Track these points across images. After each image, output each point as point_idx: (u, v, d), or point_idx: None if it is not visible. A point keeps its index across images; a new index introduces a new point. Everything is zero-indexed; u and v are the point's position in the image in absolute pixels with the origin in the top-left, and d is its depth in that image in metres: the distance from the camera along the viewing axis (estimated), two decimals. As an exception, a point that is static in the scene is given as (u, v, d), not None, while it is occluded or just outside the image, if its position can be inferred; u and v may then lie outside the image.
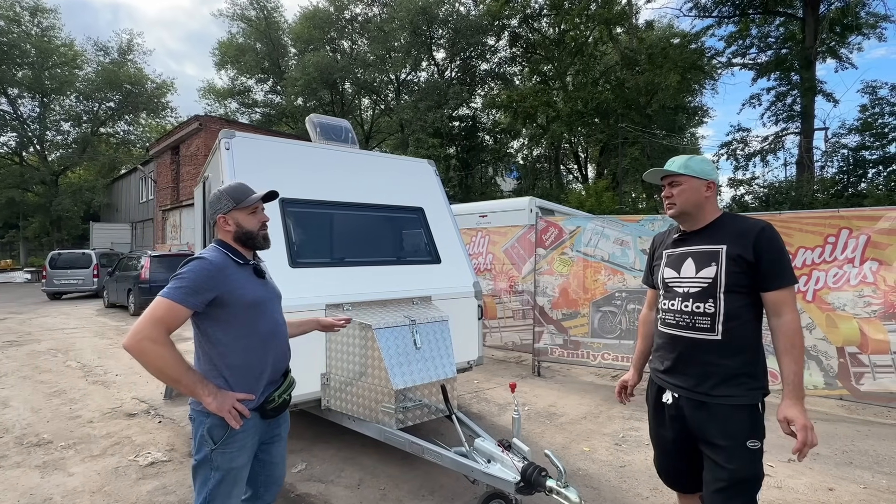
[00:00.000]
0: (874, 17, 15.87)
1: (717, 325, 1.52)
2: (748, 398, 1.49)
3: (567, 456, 3.18)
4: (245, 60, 27.86)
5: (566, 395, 4.59)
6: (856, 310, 3.91)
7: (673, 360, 1.62)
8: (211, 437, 1.49)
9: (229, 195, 1.62)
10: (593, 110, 19.60)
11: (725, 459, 1.47)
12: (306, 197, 3.47)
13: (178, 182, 19.92)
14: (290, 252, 3.17)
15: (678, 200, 1.64)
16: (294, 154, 3.61)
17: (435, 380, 2.82)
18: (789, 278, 1.49)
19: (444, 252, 3.93)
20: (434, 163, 4.45)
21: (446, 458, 2.39)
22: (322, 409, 3.08)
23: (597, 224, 5.11)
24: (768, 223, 1.53)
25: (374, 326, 2.77)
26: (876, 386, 3.80)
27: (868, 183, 14.40)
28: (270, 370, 1.60)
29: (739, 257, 1.50)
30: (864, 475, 2.90)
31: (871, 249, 3.85)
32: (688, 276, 1.61)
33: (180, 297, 1.42)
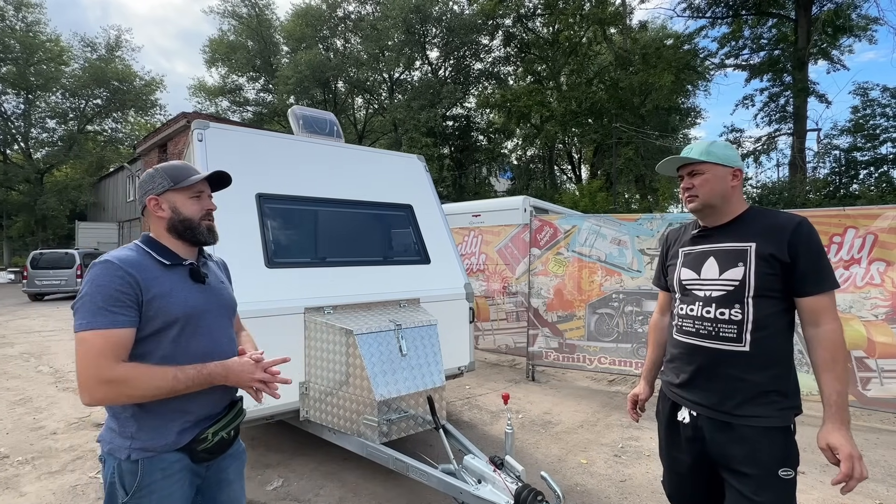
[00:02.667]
0: (865, 19, 15.95)
1: (744, 334, 1.32)
2: (780, 419, 1.29)
3: (563, 469, 2.98)
4: (236, 58, 27.49)
5: (562, 401, 4.39)
6: (861, 312, 3.77)
7: (691, 373, 1.41)
8: (122, 486, 1.14)
9: (165, 172, 1.27)
10: (587, 110, 19.52)
11: (754, 491, 1.27)
12: (286, 192, 3.25)
13: (166, 181, 19.50)
14: (267, 251, 2.94)
15: (701, 191, 1.42)
16: (274, 147, 3.38)
17: (422, 389, 2.61)
18: (831, 282, 1.29)
19: (433, 252, 3.72)
20: (424, 158, 4.24)
21: (433, 477, 2.18)
22: (300, 420, 2.85)
23: (593, 223, 4.93)
24: (805, 218, 1.33)
25: (355, 332, 2.56)
26: (883, 392, 3.65)
27: (860, 184, 14.43)
28: (204, 403, 1.23)
29: (772, 257, 1.30)
30: (878, 489, 2.73)
31: (879, 249, 3.70)
32: (710, 278, 1.40)
33: (102, 319, 1.08)
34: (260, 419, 2.72)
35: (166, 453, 1.18)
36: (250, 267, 2.86)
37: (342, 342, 2.63)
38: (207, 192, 1.35)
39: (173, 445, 1.19)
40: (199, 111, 26.21)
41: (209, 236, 1.31)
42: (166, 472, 1.18)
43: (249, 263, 2.86)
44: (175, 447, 1.19)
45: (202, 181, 1.31)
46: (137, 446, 1.15)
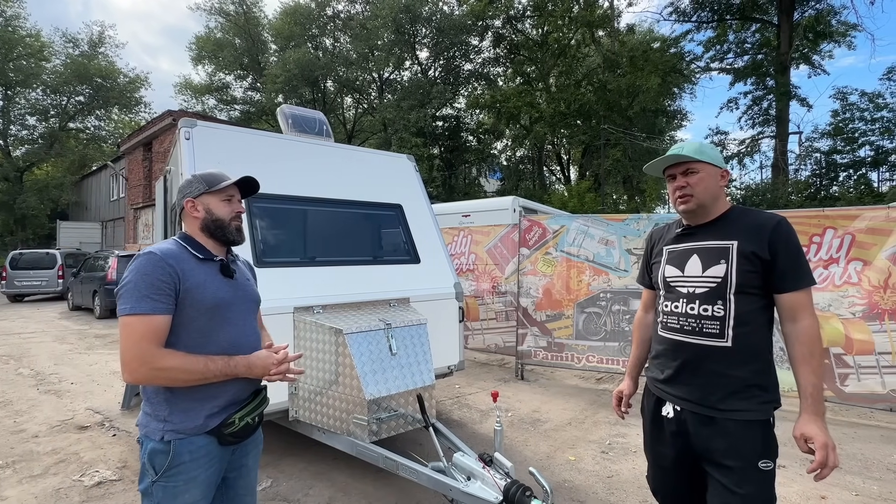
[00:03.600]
0: (845, 25, 16.38)
1: (727, 329, 1.36)
2: (760, 413, 1.33)
3: (552, 466, 3.01)
4: (223, 56, 27.13)
5: (550, 399, 4.44)
6: (839, 310, 3.87)
7: (675, 368, 1.45)
8: (152, 466, 1.26)
9: (202, 178, 1.43)
10: (576, 112, 19.70)
11: (736, 482, 1.30)
12: (275, 192, 3.23)
13: (151, 179, 19.21)
14: (256, 250, 2.93)
15: (696, 191, 1.42)
16: (262, 146, 3.36)
17: (412, 388, 2.62)
18: (808, 279, 1.34)
19: (423, 251, 3.74)
20: (413, 158, 4.25)
21: (422, 475, 2.19)
22: (290, 420, 2.84)
23: (581, 223, 4.99)
24: (784, 218, 1.37)
25: (345, 331, 2.56)
26: (860, 387, 3.76)
27: (839, 186, 14.81)
28: (231, 390, 1.34)
29: (753, 254, 1.34)
30: (854, 481, 2.82)
31: (856, 249, 3.81)
32: (693, 275, 1.44)
33: (145, 305, 1.21)
34: (248, 419, 2.70)
35: (195, 436, 1.28)
36: (239, 266, 2.85)
37: (332, 341, 2.63)
38: (237, 196, 1.47)
39: (202, 428, 1.29)
40: (185, 109, 25.85)
41: (237, 236, 1.44)
42: (194, 455, 1.27)
43: (238, 263, 2.85)
44: (204, 430, 1.29)
45: (232, 186, 1.45)
46: (170, 428, 1.26)
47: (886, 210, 3.83)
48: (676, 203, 1.48)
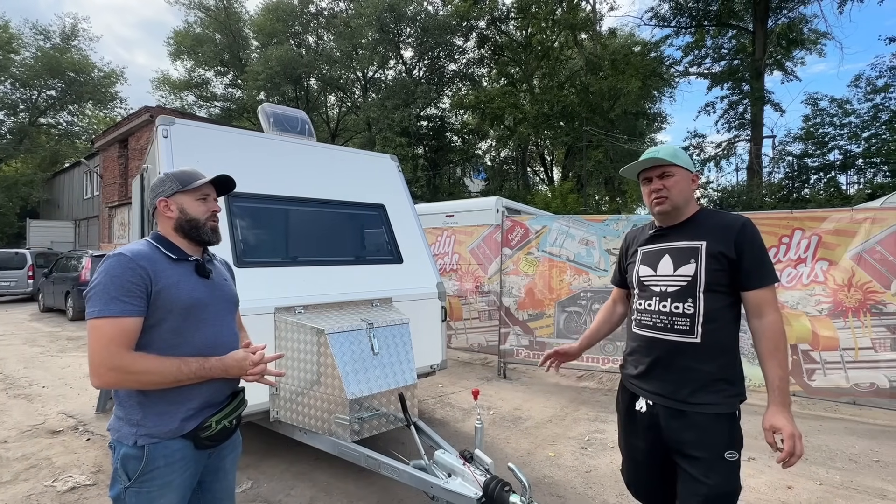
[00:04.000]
0: (815, 33, 17.00)
1: (696, 326, 1.42)
2: (727, 406, 1.40)
3: (532, 462, 3.07)
4: (203, 52, 26.58)
5: (532, 397, 4.50)
6: (807, 308, 4.03)
7: (649, 364, 1.51)
8: (125, 472, 1.22)
9: (175, 177, 1.39)
10: (559, 113, 19.94)
11: (703, 473, 1.36)
12: (256, 191, 3.21)
13: (127, 177, 18.70)
14: (236, 250, 2.90)
15: (672, 193, 1.48)
16: (243, 145, 3.33)
17: (394, 387, 2.64)
18: (771, 276, 1.41)
19: (406, 251, 3.75)
20: (397, 158, 4.26)
21: (404, 472, 2.21)
22: (271, 421, 2.82)
23: (562, 224, 5.07)
24: (749, 219, 1.45)
25: (327, 331, 2.56)
26: (826, 382, 3.92)
27: (810, 188, 15.34)
28: (207, 392, 1.31)
29: (721, 254, 1.40)
30: (819, 471, 2.94)
31: (823, 250, 3.97)
32: (665, 274, 1.50)
33: (114, 307, 1.17)
34: (228, 421, 2.67)
35: (170, 440, 1.25)
36: (218, 266, 2.82)
37: (313, 342, 2.63)
38: (213, 195, 1.44)
39: (178, 432, 1.26)
40: (162, 106, 25.22)
41: (213, 236, 1.41)
42: (169, 460, 1.24)
43: (217, 263, 2.82)
44: (179, 434, 1.26)
45: (207, 185, 1.41)
46: (143, 433, 1.23)
47: (850, 212, 4.01)
48: (652, 205, 1.53)
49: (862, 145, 14.19)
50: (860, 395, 3.81)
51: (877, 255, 3.79)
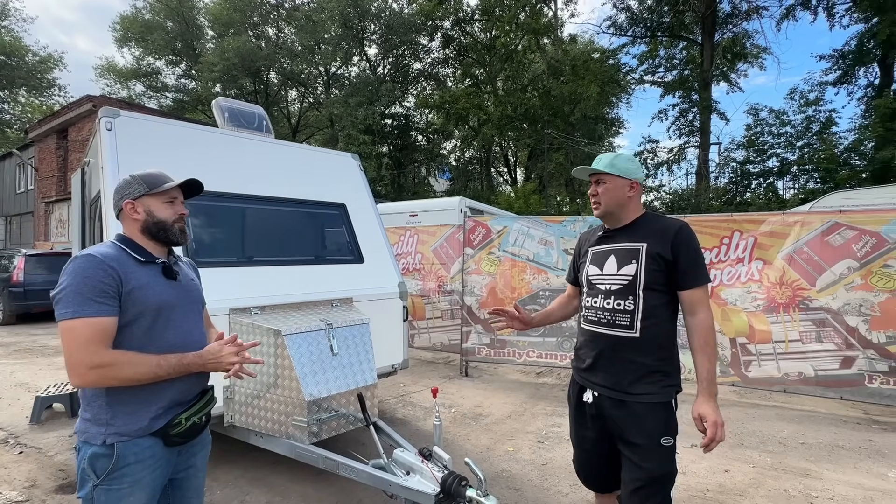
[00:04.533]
0: (757, 48, 18.24)
1: (635, 322, 1.53)
2: (662, 396, 1.51)
3: (492, 458, 3.14)
4: (153, 39, 25.14)
5: (492, 394, 4.59)
6: (745, 304, 4.34)
7: (594, 357, 1.61)
8: (93, 470, 1.23)
9: (142, 179, 1.39)
10: (522, 115, 20.34)
11: (642, 458, 1.47)
12: (209, 189, 3.06)
13: (66, 171, 17.41)
14: (188, 250, 2.79)
15: (603, 199, 1.63)
16: (195, 140, 3.20)
17: (353, 388, 2.62)
18: (704, 277, 1.53)
19: (367, 251, 3.73)
20: (359, 157, 4.22)
21: (363, 472, 2.21)
22: (225, 426, 2.73)
23: (522, 224, 5.20)
24: (686, 223, 1.56)
25: (284, 332, 2.51)
26: (761, 372, 4.25)
27: (752, 193, 16.45)
28: (175, 389, 1.33)
29: (658, 255, 1.51)
30: (753, 455, 3.19)
31: (758, 250, 4.29)
32: (610, 274, 1.61)
33: (89, 308, 1.18)
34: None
35: (140, 438, 1.27)
36: (168, 266, 2.70)
37: (270, 343, 2.57)
38: (180, 198, 1.45)
39: (147, 430, 1.28)
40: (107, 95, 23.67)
41: (181, 236, 1.42)
42: (139, 457, 1.26)
43: (167, 263, 2.70)
44: (149, 432, 1.28)
45: (176, 188, 1.42)
46: (112, 431, 1.24)
47: (782, 216, 4.35)
48: (592, 207, 1.68)
49: (796, 153, 15.38)
50: (790, 384, 4.16)
51: (804, 256, 4.13)
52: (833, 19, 15.55)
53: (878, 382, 3.84)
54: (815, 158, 14.66)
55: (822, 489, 2.72)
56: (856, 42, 15.14)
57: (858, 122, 15.20)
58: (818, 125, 15.04)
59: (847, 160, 14.11)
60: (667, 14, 17.77)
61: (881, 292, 3.85)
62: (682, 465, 2.96)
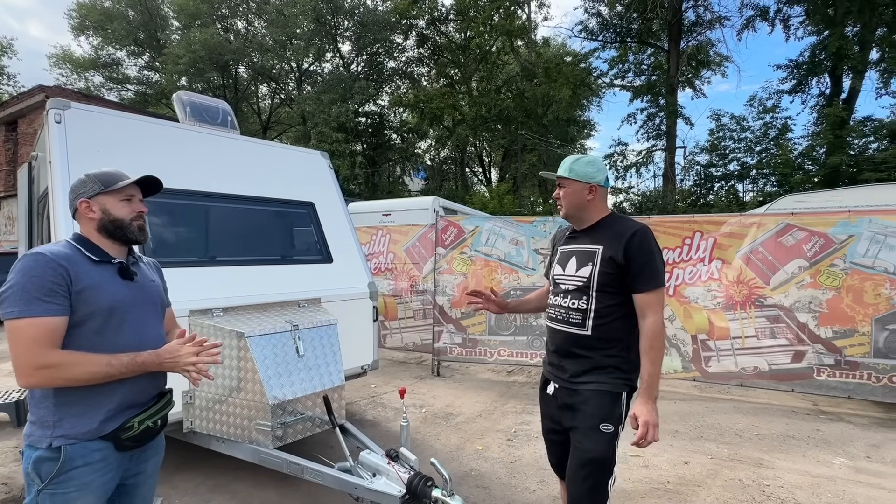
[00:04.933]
0: (719, 56, 19.02)
1: (587, 321, 1.59)
2: (610, 385, 1.56)
3: (461, 457, 3.15)
4: (113, 28, 23.93)
5: (464, 393, 4.61)
6: (705, 302, 4.52)
7: (554, 351, 1.70)
8: (38, 474, 1.19)
9: (97, 178, 1.36)
10: (496, 116, 20.50)
11: (578, 440, 1.54)
12: (169, 186, 2.94)
13: (16, 164, 16.39)
14: (145, 249, 2.67)
15: (565, 203, 1.69)
16: (153, 135, 3.07)
17: (319, 390, 2.58)
18: (655, 282, 1.53)
19: (336, 251, 3.67)
20: (328, 155, 4.15)
21: (328, 475, 2.18)
22: (184, 432, 2.64)
23: (494, 224, 5.24)
24: (644, 227, 1.58)
25: (247, 334, 2.44)
26: (720, 367, 4.43)
27: (714, 195, 17.15)
28: (126, 392, 1.29)
29: (611, 259, 1.56)
30: (711, 447, 3.32)
31: (717, 250, 4.47)
32: (570, 274, 1.66)
33: (36, 308, 1.15)
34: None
35: (89, 441, 1.23)
36: (122, 267, 2.58)
37: (232, 346, 2.49)
38: (138, 195, 1.42)
39: (97, 433, 1.24)
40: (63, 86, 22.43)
41: (140, 235, 1.40)
42: (87, 460, 1.22)
43: (121, 263, 2.58)
44: (99, 435, 1.24)
45: (132, 186, 1.39)
46: (59, 433, 1.20)
47: (740, 217, 4.55)
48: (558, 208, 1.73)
49: (755, 158, 16.13)
50: (746, 378, 4.35)
51: (759, 255, 4.34)
52: (789, 31, 16.42)
53: (826, 375, 4.07)
54: (772, 163, 15.40)
55: (774, 477, 2.86)
56: (809, 53, 16.01)
57: (811, 129, 16.09)
58: (775, 131, 15.82)
59: (801, 165, 14.89)
60: (635, 21, 18.29)
61: (828, 290, 4.08)
62: (644, 459, 3.06)
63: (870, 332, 3.96)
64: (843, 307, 4.04)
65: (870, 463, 3.05)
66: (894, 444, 3.36)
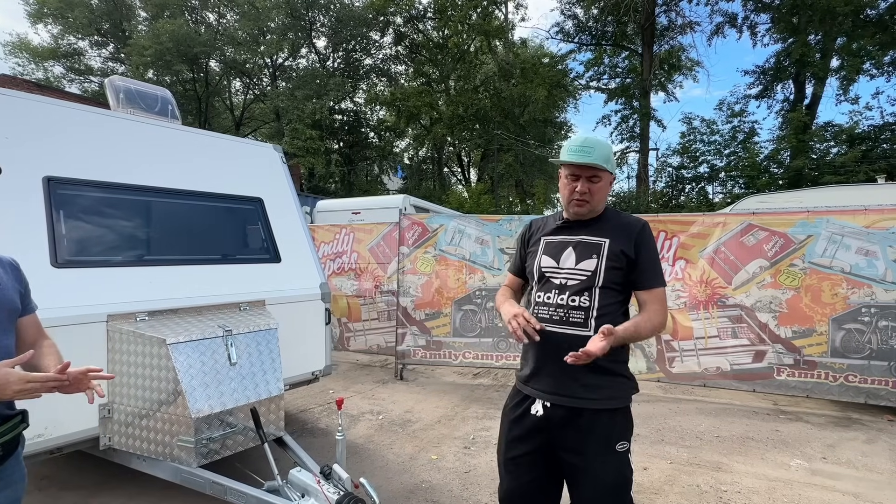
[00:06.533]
0: (691, 61, 19.43)
1: (590, 319, 1.41)
2: (620, 401, 1.43)
3: (413, 468, 2.98)
4: (74, 17, 22.79)
5: (425, 398, 4.45)
6: (671, 302, 4.47)
7: (543, 359, 1.46)
8: None
9: None
10: (473, 116, 20.42)
11: (597, 468, 1.38)
12: (91, 177, 2.71)
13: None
14: (56, 247, 2.41)
15: (595, 199, 1.45)
16: (78, 122, 2.79)
17: (254, 400, 2.38)
18: (661, 279, 1.46)
19: (285, 249, 3.45)
20: (281, 148, 3.92)
21: (252, 497, 1.98)
22: (101, 449, 2.39)
23: (459, 223, 5.10)
24: (647, 223, 1.49)
25: (169, 341, 2.22)
26: (683, 368, 4.40)
27: (685, 196, 17.49)
28: None
29: (622, 253, 1.42)
30: (671, 451, 3.25)
31: (682, 250, 4.44)
32: (567, 268, 1.48)
33: None
34: (40, 453, 2.21)
35: None
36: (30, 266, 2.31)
37: (154, 354, 2.27)
38: None
39: None
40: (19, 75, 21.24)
41: None
42: None
43: (28, 262, 2.30)
44: None
45: None
46: None
47: (703, 217, 4.53)
48: (572, 203, 1.47)
49: (724, 161, 16.52)
50: (709, 378, 4.33)
51: (722, 255, 4.32)
52: (756, 38, 16.87)
53: (785, 374, 4.08)
54: (739, 165, 15.79)
55: (732, 482, 2.80)
56: (774, 60, 16.50)
57: (776, 133, 16.59)
58: (743, 135, 16.23)
59: (767, 168, 15.31)
60: (610, 24, 18.49)
61: (788, 290, 4.09)
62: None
63: (827, 331, 3.98)
64: (801, 307, 4.05)
65: (825, 464, 3.03)
66: (849, 444, 3.36)
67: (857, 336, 3.90)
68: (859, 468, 2.97)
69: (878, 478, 2.84)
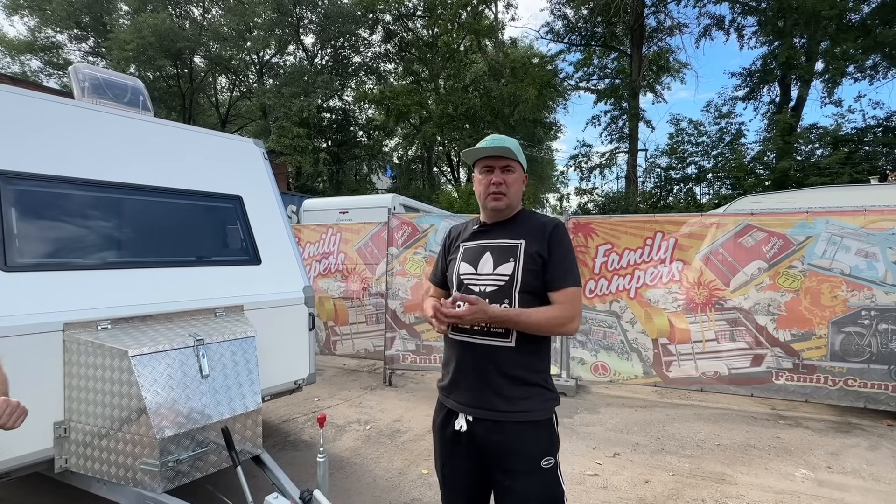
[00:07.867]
0: (679, 63, 19.55)
1: (511, 329, 1.32)
2: (542, 413, 1.33)
3: (403, 484, 2.80)
4: (52, 9, 22.06)
5: (415, 405, 4.26)
6: (666, 305, 4.36)
7: (464, 372, 1.37)
8: None
9: None
10: (462, 115, 20.28)
11: (521, 486, 1.27)
12: (50, 172, 2.47)
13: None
14: (5, 248, 2.17)
15: (511, 191, 1.41)
16: (35, 112, 2.55)
17: (227, 416, 2.18)
18: (574, 278, 1.35)
19: (266, 250, 3.24)
20: (262, 144, 3.71)
21: (222, 528, 1.78)
22: (57, 472, 2.16)
23: (451, 222, 4.92)
24: (561, 221, 1.43)
25: (131, 353, 2.01)
26: (680, 372, 4.28)
27: (674, 197, 17.58)
28: None
29: (536, 254, 1.34)
30: (672, 461, 3.11)
31: (678, 251, 4.33)
32: (485, 273, 1.38)
33: None
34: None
35: None
36: (-24, 270, 2.09)
37: (114, 367, 2.05)
38: None
39: None
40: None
41: None
42: None
43: (-27, 265, 2.08)
44: None
45: None
46: None
47: (700, 217, 4.43)
48: (489, 198, 1.41)
49: (712, 162, 16.63)
50: (706, 382, 4.22)
51: (719, 257, 4.22)
52: (743, 40, 17.03)
53: (784, 379, 3.99)
54: (727, 166, 15.91)
55: (738, 496, 2.67)
56: (761, 62, 16.66)
57: (763, 135, 16.75)
58: (730, 136, 16.37)
59: (753, 169, 15.44)
60: (600, 24, 18.51)
61: (787, 292, 4.00)
62: (603, 478, 2.81)
63: (827, 334, 3.90)
64: (801, 309, 3.96)
65: (831, 474, 2.93)
66: (852, 451, 3.27)
67: (856, 339, 3.83)
68: (866, 478, 2.87)
69: (887, 488, 2.75)
